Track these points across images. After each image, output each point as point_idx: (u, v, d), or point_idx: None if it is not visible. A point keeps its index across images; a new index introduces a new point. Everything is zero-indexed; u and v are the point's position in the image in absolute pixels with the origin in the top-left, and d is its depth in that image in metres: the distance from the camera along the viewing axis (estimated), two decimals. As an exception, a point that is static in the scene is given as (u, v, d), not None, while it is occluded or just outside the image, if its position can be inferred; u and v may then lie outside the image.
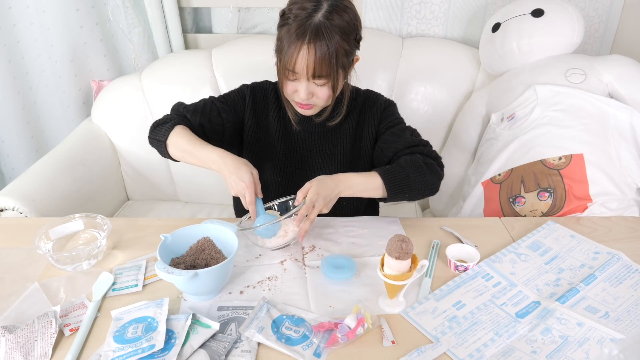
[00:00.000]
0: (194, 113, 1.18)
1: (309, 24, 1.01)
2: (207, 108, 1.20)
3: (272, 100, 1.25)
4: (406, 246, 0.87)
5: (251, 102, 1.24)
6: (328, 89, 1.08)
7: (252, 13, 1.91)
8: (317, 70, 1.04)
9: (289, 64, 1.04)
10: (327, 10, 1.02)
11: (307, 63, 1.03)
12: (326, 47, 1.02)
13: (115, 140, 1.80)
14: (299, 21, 1.02)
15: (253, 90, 1.25)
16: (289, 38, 1.02)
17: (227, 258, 0.94)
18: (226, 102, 1.22)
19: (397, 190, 1.08)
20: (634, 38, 1.77)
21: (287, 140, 1.25)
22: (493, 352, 0.83)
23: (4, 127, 1.93)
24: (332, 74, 1.05)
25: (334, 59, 1.03)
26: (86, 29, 1.81)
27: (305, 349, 0.83)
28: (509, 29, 1.59)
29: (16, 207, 1.33)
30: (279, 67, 1.08)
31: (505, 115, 1.51)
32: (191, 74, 1.76)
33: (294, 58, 1.03)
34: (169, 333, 0.82)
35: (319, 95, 1.10)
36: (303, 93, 1.08)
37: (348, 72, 1.13)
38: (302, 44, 1.01)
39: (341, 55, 1.05)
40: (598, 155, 1.33)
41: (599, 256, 1.07)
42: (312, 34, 1.01)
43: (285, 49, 1.03)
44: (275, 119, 1.25)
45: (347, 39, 1.05)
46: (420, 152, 1.14)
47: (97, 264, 1.04)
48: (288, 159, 1.26)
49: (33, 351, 0.81)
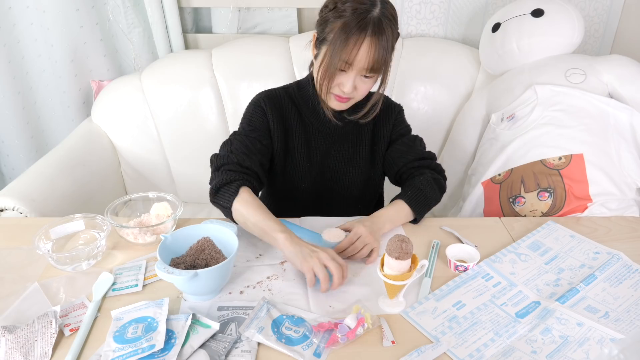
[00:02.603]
0: (247, 157, 1.13)
1: (370, 18, 1.01)
2: (250, 145, 1.15)
3: (288, 106, 1.23)
4: (406, 246, 0.87)
5: (271, 112, 1.20)
6: (371, 83, 1.11)
7: (252, 13, 1.91)
8: (375, 64, 1.05)
9: (346, 56, 1.03)
10: (381, 7, 1.04)
11: (366, 56, 1.03)
12: (385, 41, 1.03)
13: (115, 140, 1.80)
14: (359, 14, 1.01)
15: (268, 99, 1.22)
16: (347, 30, 1.01)
17: (227, 258, 0.94)
18: (256, 129, 1.19)
19: (422, 212, 1.17)
20: (634, 38, 1.77)
21: (309, 145, 1.24)
22: (493, 352, 0.83)
23: (4, 127, 1.93)
24: (384, 68, 1.08)
25: (389, 54, 1.06)
26: (86, 29, 1.81)
27: (305, 349, 0.83)
28: (509, 29, 1.59)
29: (16, 207, 1.33)
30: (328, 59, 1.06)
31: (505, 116, 1.51)
32: (191, 74, 1.77)
33: (354, 50, 1.03)
34: (169, 333, 0.82)
35: (360, 89, 1.11)
36: (349, 85, 1.08)
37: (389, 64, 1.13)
38: (365, 37, 1.02)
39: (391, 51, 1.07)
40: (598, 155, 1.33)
41: (599, 256, 1.07)
42: (374, 28, 1.02)
43: (342, 41, 1.02)
44: (295, 124, 1.23)
45: (395, 34, 1.07)
46: (428, 166, 1.23)
47: (97, 264, 1.04)
48: (311, 164, 1.26)
49: (33, 351, 0.81)
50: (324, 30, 1.07)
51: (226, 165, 1.11)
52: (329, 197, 1.30)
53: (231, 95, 1.76)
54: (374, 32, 1.02)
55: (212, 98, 1.76)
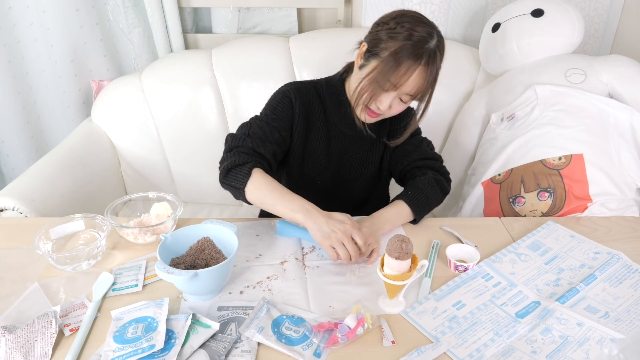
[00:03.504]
0: (262, 144, 1.14)
1: (427, 48, 1.04)
2: (268, 133, 1.16)
3: (315, 103, 1.23)
4: (406, 246, 0.87)
5: (298, 105, 1.21)
6: (406, 106, 1.14)
7: (252, 13, 1.91)
8: (418, 92, 1.09)
9: (395, 79, 1.05)
10: (437, 39, 1.07)
11: (414, 84, 1.06)
12: (435, 72, 1.08)
13: (115, 140, 1.80)
14: (417, 42, 1.04)
15: (298, 92, 1.22)
16: (403, 55, 1.03)
17: (227, 258, 0.95)
18: (279, 118, 1.19)
19: (422, 212, 1.17)
20: (634, 38, 1.77)
21: (329, 143, 1.25)
22: (493, 352, 0.83)
23: (4, 127, 1.93)
24: (426, 97, 1.12)
25: (434, 85, 1.10)
26: (86, 29, 1.81)
27: (305, 349, 0.83)
28: (509, 29, 1.59)
29: (16, 207, 1.33)
30: (375, 76, 1.07)
31: (505, 115, 1.51)
32: (191, 74, 1.77)
33: (405, 76, 1.05)
34: (169, 333, 0.82)
35: (394, 109, 1.13)
36: (386, 104, 1.11)
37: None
38: (418, 65, 1.04)
39: (437, 79, 1.11)
40: (598, 155, 1.33)
41: (599, 256, 1.07)
42: (428, 58, 1.04)
43: (395, 64, 1.04)
44: (319, 121, 1.23)
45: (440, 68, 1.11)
46: (432, 167, 1.24)
47: (96, 264, 1.04)
48: (329, 162, 1.27)
49: (33, 351, 0.81)
50: (377, 45, 1.08)
51: (240, 148, 1.12)
52: (340, 195, 1.30)
53: (231, 95, 1.76)
54: (427, 62, 1.04)
55: (212, 98, 1.76)
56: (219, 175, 1.11)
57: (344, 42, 1.79)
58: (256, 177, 1.07)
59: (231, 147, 1.13)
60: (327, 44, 1.79)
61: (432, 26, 1.08)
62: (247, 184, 1.06)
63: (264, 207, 1.08)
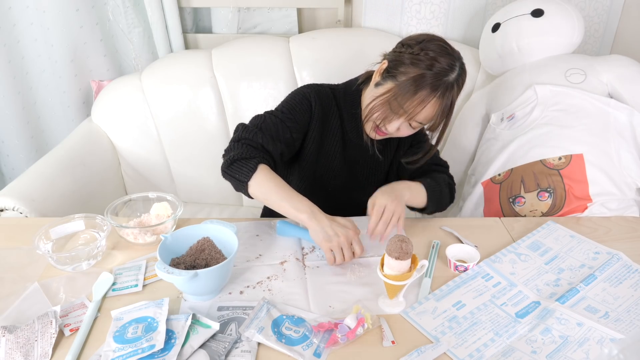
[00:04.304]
0: (272, 141, 1.11)
1: (445, 81, 1.02)
2: (280, 131, 1.13)
3: (333, 109, 1.21)
4: (406, 246, 0.87)
5: (317, 109, 1.18)
6: (414, 131, 1.12)
7: (252, 13, 1.91)
8: (428, 122, 1.08)
9: (408, 106, 1.04)
10: (459, 73, 1.05)
11: (426, 114, 1.05)
12: (449, 105, 1.06)
13: (115, 140, 1.80)
14: (437, 73, 1.02)
15: (318, 96, 1.19)
16: (420, 84, 1.02)
17: (227, 258, 0.95)
18: (294, 119, 1.16)
19: (433, 205, 1.17)
20: (634, 38, 1.77)
21: (343, 150, 1.24)
22: (493, 352, 0.83)
23: (4, 127, 1.93)
24: (437, 126, 1.10)
25: (447, 117, 1.09)
26: (86, 29, 1.81)
27: (305, 349, 0.83)
28: (509, 29, 1.59)
29: (16, 207, 1.33)
30: (388, 98, 1.06)
31: (505, 115, 1.51)
32: (191, 74, 1.76)
33: (419, 106, 1.03)
34: (169, 333, 0.82)
35: (402, 132, 1.12)
36: (394, 127, 1.10)
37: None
38: (433, 98, 1.03)
39: (450, 114, 1.09)
40: (598, 155, 1.33)
41: (599, 256, 1.07)
42: (445, 91, 1.03)
43: (411, 92, 1.03)
44: (335, 128, 1.21)
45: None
46: (444, 172, 1.25)
47: (97, 264, 1.04)
48: (342, 169, 1.25)
49: (33, 351, 0.81)
50: (397, 67, 1.06)
51: (248, 140, 1.09)
52: (348, 201, 1.29)
53: (231, 95, 1.76)
54: (443, 95, 1.03)
55: (212, 98, 1.76)
56: (223, 164, 1.09)
57: (344, 42, 1.80)
58: (262, 172, 1.05)
59: (239, 138, 1.10)
60: (327, 44, 1.79)
61: (456, 57, 1.05)
62: (251, 178, 1.04)
63: (267, 203, 1.07)
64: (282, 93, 1.75)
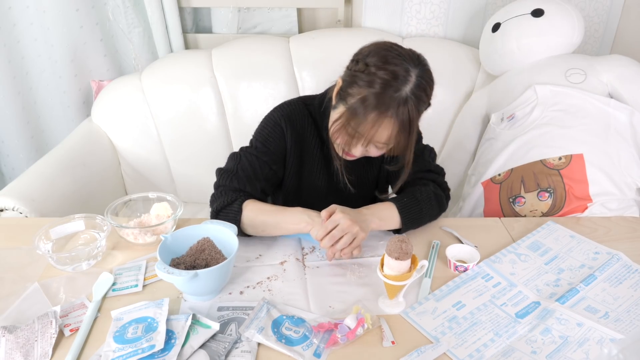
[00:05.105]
0: (249, 183, 1.09)
1: (395, 98, 0.92)
2: (257, 169, 1.11)
3: (308, 126, 1.15)
4: (406, 246, 0.87)
5: (289, 133, 1.13)
6: (385, 150, 1.04)
7: (252, 13, 1.91)
8: (391, 142, 0.98)
9: (363, 131, 0.95)
10: (415, 83, 0.93)
11: (384, 135, 0.96)
12: (408, 122, 0.94)
13: (115, 140, 1.80)
14: (384, 90, 0.91)
15: (289, 118, 1.13)
16: (368, 106, 0.93)
17: (227, 258, 0.95)
18: (269, 151, 1.12)
19: (410, 225, 1.10)
20: (634, 38, 1.77)
21: (326, 166, 1.19)
22: (493, 353, 0.83)
23: (4, 127, 1.93)
24: (404, 148, 1.01)
25: (411, 135, 0.97)
26: (86, 29, 1.81)
27: (305, 349, 0.83)
28: (509, 29, 1.59)
29: (16, 207, 1.33)
30: (342, 124, 0.98)
31: (505, 115, 1.51)
32: (191, 74, 1.77)
33: (372, 129, 0.94)
34: (169, 333, 0.82)
35: (372, 153, 1.04)
36: (358, 152, 1.03)
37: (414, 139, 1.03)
38: (384, 118, 0.93)
39: (415, 128, 0.98)
40: (598, 155, 1.33)
41: (598, 256, 1.07)
42: (397, 109, 0.92)
43: (362, 116, 0.94)
44: (314, 145, 1.17)
45: (422, 111, 0.99)
46: (434, 180, 1.16)
47: (97, 264, 1.04)
48: (330, 186, 1.21)
49: (33, 351, 0.81)
50: (346, 88, 0.97)
51: (225, 187, 1.09)
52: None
53: (231, 95, 1.76)
54: (396, 112, 0.92)
55: (212, 98, 1.76)
56: (210, 215, 1.09)
57: (344, 42, 1.80)
58: (247, 210, 1.06)
59: (218, 185, 1.11)
60: (327, 44, 1.79)
61: (409, 62, 0.93)
62: (241, 222, 1.06)
63: (266, 234, 1.09)
64: (282, 93, 1.77)
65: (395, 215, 1.07)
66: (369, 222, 1.03)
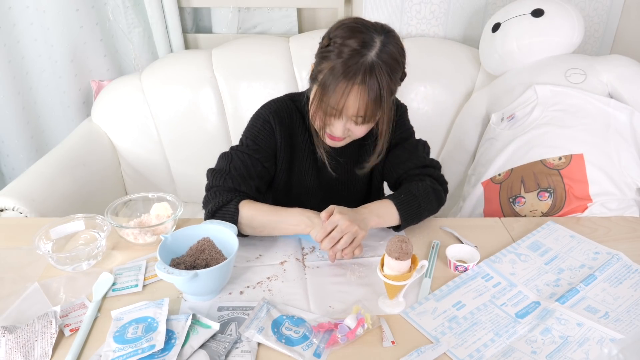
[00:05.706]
0: (244, 181, 1.09)
1: (362, 63, 0.92)
2: (250, 167, 1.10)
3: (297, 122, 1.15)
4: (406, 246, 0.87)
5: (279, 129, 1.13)
6: (368, 127, 1.04)
7: (252, 13, 1.91)
8: (366, 113, 0.97)
9: (334, 103, 0.96)
10: (379, 48, 0.93)
11: (356, 105, 0.96)
12: (378, 89, 0.94)
13: (115, 140, 1.80)
14: (349, 58, 0.92)
15: (277, 114, 1.13)
16: (335, 76, 0.93)
17: (227, 258, 0.95)
18: (260, 149, 1.12)
19: (409, 221, 1.10)
20: (634, 38, 1.77)
21: (316, 164, 1.19)
22: (493, 353, 0.83)
23: (4, 127, 1.93)
24: (378, 115, 1.00)
25: (383, 102, 0.96)
26: (86, 29, 1.81)
27: (305, 349, 0.83)
28: (509, 29, 1.59)
29: (16, 207, 1.33)
30: (316, 102, 0.99)
31: (505, 115, 1.51)
32: (191, 74, 1.77)
33: (342, 99, 0.95)
34: (169, 333, 0.82)
35: (355, 132, 1.04)
36: (339, 130, 1.02)
37: (390, 109, 1.05)
38: (353, 85, 0.93)
39: (388, 96, 0.98)
40: (598, 155, 1.33)
41: (599, 256, 1.07)
42: (364, 75, 0.92)
43: (331, 87, 0.94)
44: (303, 140, 1.16)
45: (396, 78, 0.99)
46: (430, 175, 1.15)
47: (97, 264, 1.04)
48: (320, 183, 1.21)
49: (33, 351, 0.81)
50: (317, 66, 0.99)
51: (219, 187, 1.08)
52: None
53: (231, 95, 1.76)
54: (363, 80, 0.92)
55: (212, 98, 1.76)
56: (205, 217, 1.08)
57: (344, 42, 1.80)
58: (245, 210, 1.04)
59: (211, 186, 1.09)
60: (327, 44, 1.79)
61: (373, 31, 0.94)
62: (238, 222, 1.04)
63: (264, 234, 1.08)
64: (282, 93, 1.75)
65: (393, 212, 1.07)
66: (367, 220, 1.03)
